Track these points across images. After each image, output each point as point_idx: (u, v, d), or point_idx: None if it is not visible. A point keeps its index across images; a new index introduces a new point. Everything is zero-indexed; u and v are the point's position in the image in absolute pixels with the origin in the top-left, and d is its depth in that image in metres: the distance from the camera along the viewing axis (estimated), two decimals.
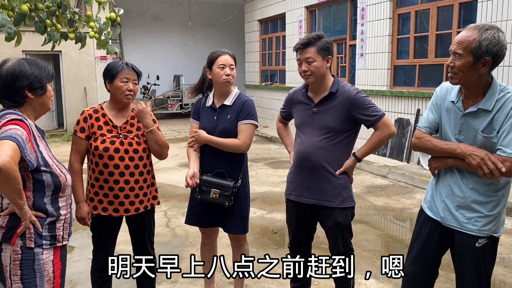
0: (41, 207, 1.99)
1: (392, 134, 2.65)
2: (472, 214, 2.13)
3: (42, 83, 2.01)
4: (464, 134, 2.11)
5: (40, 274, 1.97)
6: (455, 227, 2.18)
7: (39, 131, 2.07)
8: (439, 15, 7.11)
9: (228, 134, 2.79)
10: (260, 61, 13.30)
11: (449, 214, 2.19)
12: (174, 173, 7.42)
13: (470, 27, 2.00)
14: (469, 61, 1.97)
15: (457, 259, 2.22)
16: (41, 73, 2.01)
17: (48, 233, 2.00)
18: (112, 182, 2.60)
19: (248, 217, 2.95)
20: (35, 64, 2.02)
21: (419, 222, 2.38)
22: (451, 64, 2.03)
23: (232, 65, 2.82)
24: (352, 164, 2.66)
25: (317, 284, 3.45)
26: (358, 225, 4.78)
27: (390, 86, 8.04)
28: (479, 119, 2.06)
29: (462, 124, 2.11)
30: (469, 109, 2.07)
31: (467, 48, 1.96)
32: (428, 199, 2.33)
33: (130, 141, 2.65)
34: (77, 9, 3.50)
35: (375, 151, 2.69)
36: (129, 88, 2.62)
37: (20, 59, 2.04)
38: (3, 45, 9.63)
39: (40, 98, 2.03)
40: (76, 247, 4.28)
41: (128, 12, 15.00)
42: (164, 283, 3.50)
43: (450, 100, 2.17)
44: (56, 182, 2.01)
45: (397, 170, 6.98)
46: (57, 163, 2.07)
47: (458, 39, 2.01)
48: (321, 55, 2.56)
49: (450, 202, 2.19)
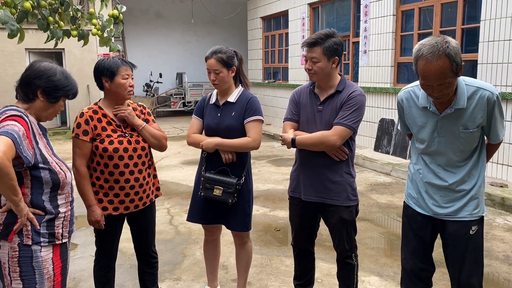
0: (39, 204, 1.99)
1: (328, 143, 2.53)
2: (460, 198, 2.22)
3: (57, 94, 2.03)
4: (444, 135, 2.18)
5: (39, 271, 1.96)
6: (447, 218, 2.26)
7: (40, 128, 2.07)
8: (443, 11, 7.07)
9: (232, 131, 2.78)
10: (263, 59, 13.28)
11: (440, 208, 2.26)
12: (177, 171, 7.42)
13: (432, 57, 1.93)
14: (455, 79, 2.00)
15: (451, 250, 2.28)
16: (63, 85, 2.04)
17: (46, 231, 1.99)
18: (124, 182, 2.59)
19: (251, 215, 2.94)
20: (65, 76, 2.06)
21: (407, 218, 2.44)
22: (440, 93, 2.03)
23: (216, 70, 2.74)
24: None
25: (320, 281, 3.45)
26: (362, 222, 4.76)
27: (394, 83, 8.01)
28: (457, 118, 2.13)
29: (441, 126, 2.17)
30: (446, 111, 2.13)
31: (448, 74, 1.95)
32: (415, 196, 2.37)
33: (136, 139, 2.66)
34: (79, 7, 3.50)
35: (311, 147, 2.61)
36: (130, 84, 2.62)
37: (61, 67, 2.10)
38: (6, 42, 9.67)
39: (48, 105, 2.04)
40: (79, 245, 4.29)
41: (131, 9, 14.98)
42: (167, 280, 3.50)
43: (421, 106, 2.21)
44: (54, 179, 2.00)
45: (400, 167, 6.96)
46: (57, 160, 2.07)
47: (434, 75, 1.95)
48: (327, 56, 2.53)
49: (438, 197, 2.26)
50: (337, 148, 2.58)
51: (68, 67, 11.91)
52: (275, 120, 12.07)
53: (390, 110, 8.01)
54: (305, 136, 2.61)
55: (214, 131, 2.82)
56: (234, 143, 2.76)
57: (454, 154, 2.20)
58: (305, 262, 2.94)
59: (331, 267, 3.61)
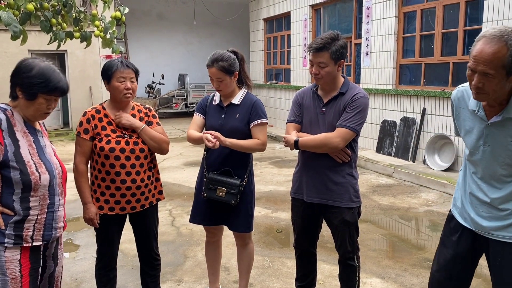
0: (8, 204, 1.96)
1: (331, 145, 2.53)
2: (503, 218, 1.97)
3: (32, 91, 1.96)
4: (490, 144, 1.94)
5: (2, 271, 1.94)
6: (491, 236, 2.02)
7: (28, 127, 2.04)
8: (445, 13, 7.06)
9: (237, 133, 2.79)
10: (265, 60, 13.29)
11: (483, 220, 2.03)
12: (179, 172, 7.43)
13: (492, 39, 1.73)
14: (502, 78, 1.75)
15: (494, 270, 2.05)
16: (38, 82, 1.95)
17: (12, 232, 1.96)
18: (120, 182, 2.60)
19: (253, 216, 2.94)
20: (42, 73, 1.96)
21: (449, 227, 2.21)
22: (479, 85, 1.79)
23: (219, 78, 2.75)
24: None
25: (322, 283, 3.44)
26: (363, 224, 4.76)
27: (396, 85, 8.01)
28: (506, 128, 1.88)
29: (487, 134, 1.94)
30: (493, 118, 1.90)
31: (498, 66, 1.72)
32: (459, 206, 2.15)
33: (135, 140, 2.64)
34: (82, 8, 3.51)
35: (314, 148, 2.61)
36: (126, 87, 2.59)
37: (46, 64, 2.01)
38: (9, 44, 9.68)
39: (27, 102, 1.99)
40: (81, 246, 4.29)
41: (133, 11, 15.03)
42: (169, 282, 3.51)
43: (470, 109, 1.99)
44: (25, 180, 1.95)
45: (402, 169, 6.95)
46: (38, 161, 2.01)
47: (484, 58, 1.73)
48: (334, 60, 2.52)
49: (479, 210, 2.04)
50: (340, 150, 2.58)
51: (70, 68, 11.96)
52: (277, 121, 12.07)
53: (392, 112, 8.00)
54: (308, 138, 2.62)
55: (217, 132, 2.82)
56: (245, 144, 2.77)
57: (501, 167, 1.94)
58: (307, 263, 2.94)
59: (333, 269, 3.60)
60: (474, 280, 2.18)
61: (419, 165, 7.20)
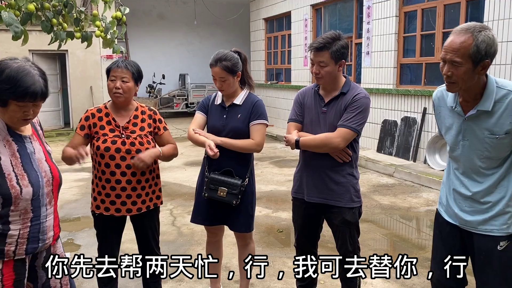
0: None
1: (332, 145, 2.53)
2: (485, 211, 2.03)
3: (2, 97, 1.78)
4: (468, 138, 2.03)
5: None
6: (474, 230, 2.07)
7: (12, 135, 1.89)
8: (446, 13, 7.06)
9: (238, 133, 2.79)
10: (266, 60, 13.29)
11: (466, 215, 2.09)
12: (179, 172, 7.43)
13: (460, 31, 1.88)
14: (469, 67, 1.87)
15: (478, 266, 2.09)
16: (8, 88, 1.76)
17: None
18: (114, 182, 2.60)
19: (253, 216, 2.94)
20: (10, 77, 1.77)
21: (438, 226, 2.27)
22: (448, 73, 1.91)
23: (222, 78, 2.75)
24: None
25: (323, 283, 3.44)
26: (364, 224, 4.75)
27: (396, 85, 8.00)
28: (481, 121, 1.98)
29: (465, 129, 2.03)
30: (469, 112, 1.99)
31: (465, 55, 1.85)
32: (444, 204, 2.22)
33: (132, 141, 2.63)
34: (83, 8, 3.51)
35: (315, 148, 2.62)
36: (115, 86, 2.57)
37: (23, 64, 1.84)
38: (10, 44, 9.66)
39: (2, 109, 1.83)
40: (82, 246, 4.30)
41: (134, 11, 15.03)
42: (169, 282, 3.51)
43: (449, 106, 2.09)
44: (4, 194, 1.80)
45: (403, 169, 6.95)
46: (21, 172, 1.85)
47: (452, 47, 1.87)
48: (334, 60, 2.52)
49: (462, 205, 2.10)
50: (341, 150, 2.58)
51: (71, 68, 11.97)
52: (278, 121, 12.07)
53: (393, 111, 8.00)
54: (309, 138, 2.62)
55: (219, 132, 2.83)
56: (238, 144, 2.77)
57: (480, 160, 2.01)
58: None
59: None
60: (474, 280, 2.18)
61: (420, 164, 7.20)
